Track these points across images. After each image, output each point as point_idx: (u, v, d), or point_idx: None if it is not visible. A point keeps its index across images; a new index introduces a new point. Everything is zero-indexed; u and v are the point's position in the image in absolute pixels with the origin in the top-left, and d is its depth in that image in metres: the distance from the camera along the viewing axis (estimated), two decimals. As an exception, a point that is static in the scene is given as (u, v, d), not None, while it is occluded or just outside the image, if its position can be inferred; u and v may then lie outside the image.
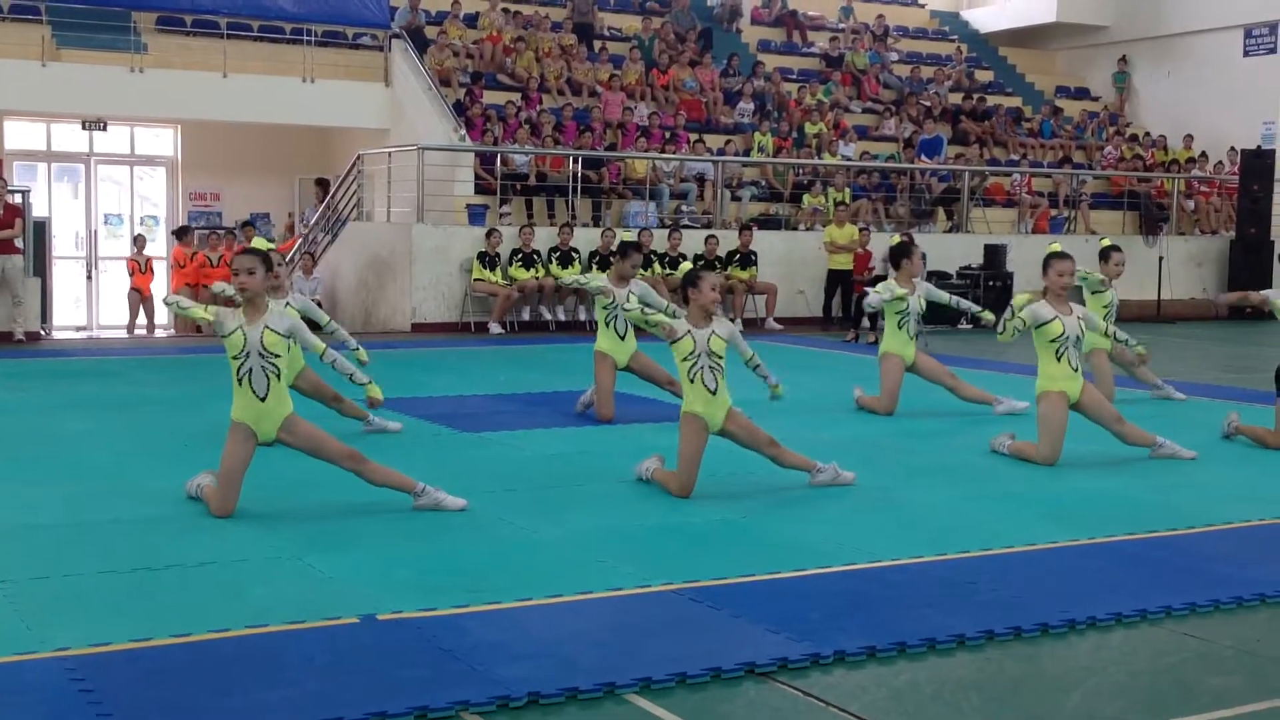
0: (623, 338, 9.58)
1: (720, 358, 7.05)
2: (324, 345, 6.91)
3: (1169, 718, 4.14)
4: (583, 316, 17.21)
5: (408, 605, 5.03)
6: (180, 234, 18.39)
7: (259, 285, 6.47)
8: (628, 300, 8.96)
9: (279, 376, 6.43)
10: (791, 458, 7.34)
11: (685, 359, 7.04)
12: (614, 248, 17.07)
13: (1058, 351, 8.10)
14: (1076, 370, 8.15)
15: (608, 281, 9.62)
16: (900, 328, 10.12)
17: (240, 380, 6.42)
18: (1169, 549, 6.15)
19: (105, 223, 21.34)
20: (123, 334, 18.03)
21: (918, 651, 4.68)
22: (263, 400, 6.42)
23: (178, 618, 4.85)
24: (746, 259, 18.01)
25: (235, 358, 6.41)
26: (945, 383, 10.13)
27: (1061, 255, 8.20)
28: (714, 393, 7.06)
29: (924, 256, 10.48)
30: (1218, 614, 5.19)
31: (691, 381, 7.06)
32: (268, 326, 6.41)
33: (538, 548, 6.03)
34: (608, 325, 9.57)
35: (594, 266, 16.95)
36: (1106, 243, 10.63)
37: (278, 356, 6.40)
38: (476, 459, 8.12)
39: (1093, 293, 10.29)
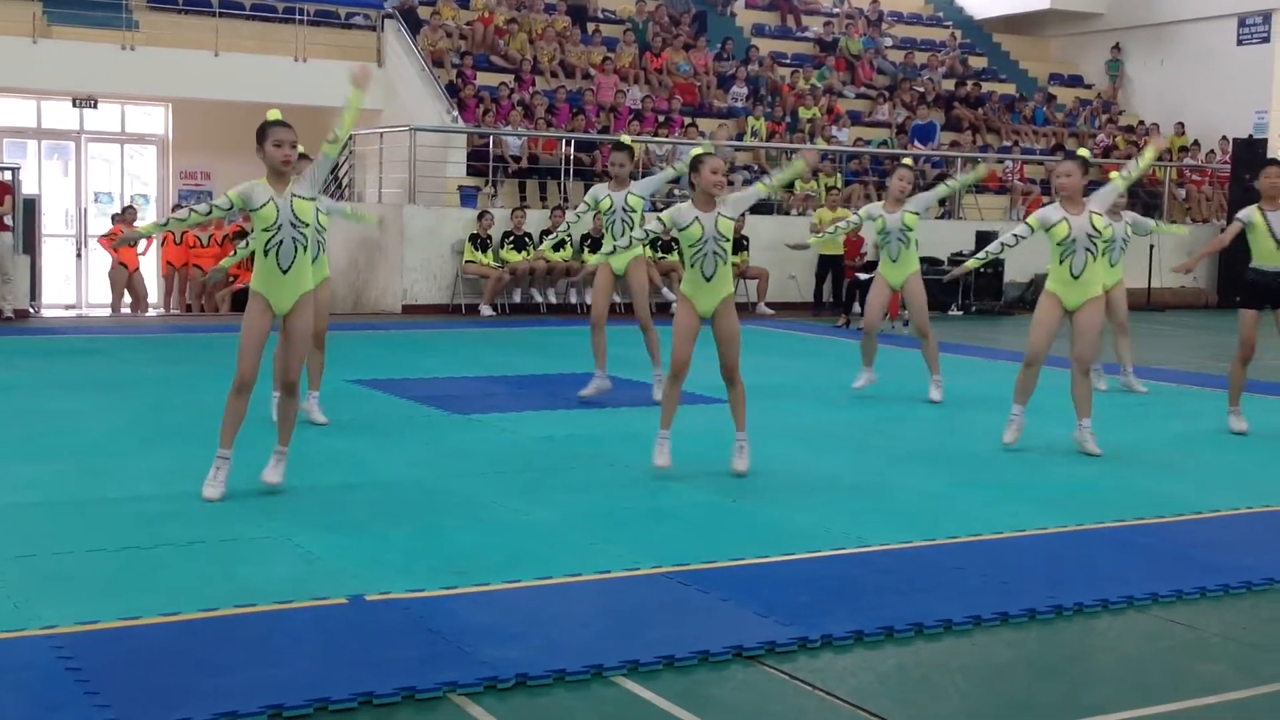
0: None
1: (727, 240, 6.97)
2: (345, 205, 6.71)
3: (1155, 704, 4.16)
4: (574, 299, 17.20)
5: (396, 586, 5.03)
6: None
7: (290, 157, 6.47)
8: (627, 199, 9.19)
9: (305, 249, 6.43)
10: (738, 406, 7.28)
11: (691, 245, 6.97)
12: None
13: (1061, 255, 7.94)
14: (1078, 277, 7.90)
15: (607, 190, 9.45)
16: (880, 249, 10.12)
17: (266, 252, 6.39)
18: (1156, 536, 6.17)
19: (95, 201, 21.26)
20: (111, 312, 17.97)
21: (905, 636, 4.69)
22: (285, 273, 6.41)
23: (166, 597, 4.85)
24: (738, 244, 17.96)
25: (266, 230, 6.37)
26: (920, 324, 10.07)
27: (1071, 156, 8.19)
28: (709, 279, 7.01)
29: (913, 177, 10.37)
30: (1204, 601, 5.21)
31: (690, 266, 7.04)
32: (295, 194, 6.42)
33: (527, 530, 6.03)
34: (607, 230, 9.52)
35: (585, 249, 16.93)
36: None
37: (306, 225, 6.43)
38: (467, 441, 8.12)
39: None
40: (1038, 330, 8.08)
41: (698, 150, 7.09)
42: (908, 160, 10.92)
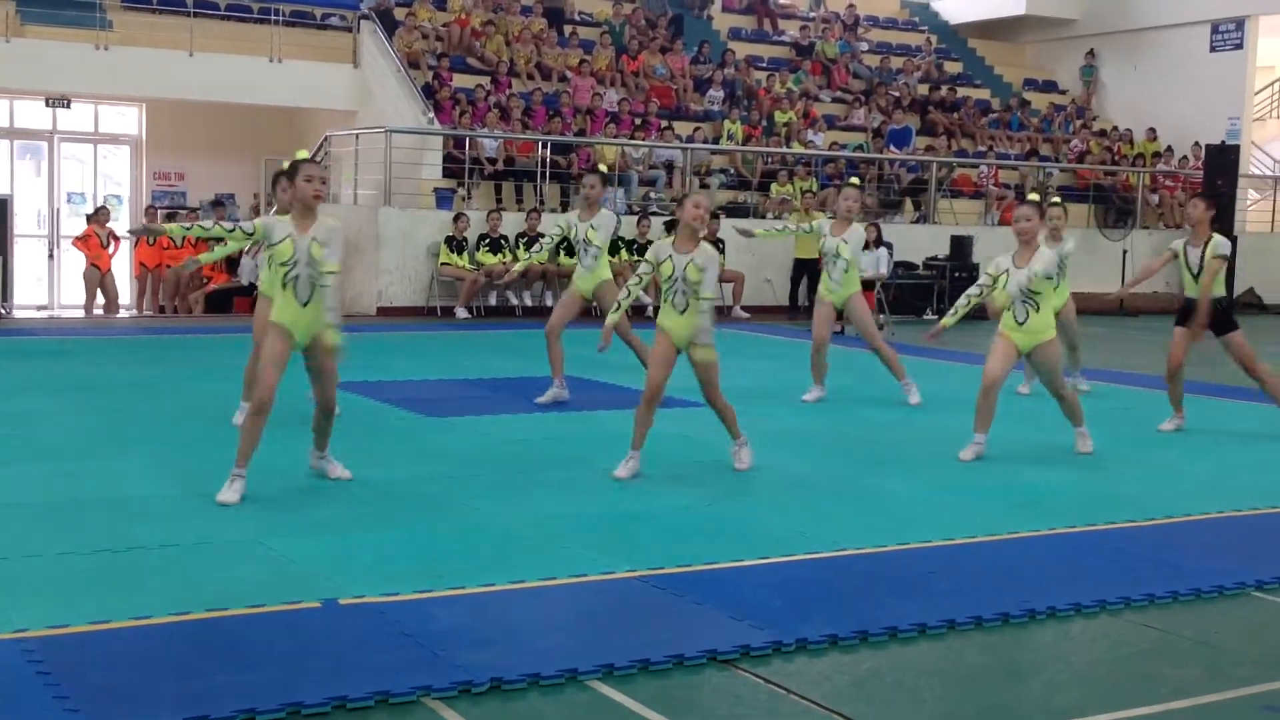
0: (588, 269, 9.56)
1: (696, 283, 7.15)
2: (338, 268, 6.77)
3: (1128, 708, 4.17)
4: (549, 302, 17.18)
5: (370, 590, 5.01)
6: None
7: (320, 193, 6.62)
8: (588, 233, 9.40)
9: (324, 287, 6.57)
10: (728, 422, 7.44)
11: (665, 280, 7.24)
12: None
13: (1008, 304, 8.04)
14: (1022, 324, 7.96)
15: (574, 217, 9.64)
16: (823, 269, 10.10)
17: (285, 285, 6.59)
18: (1129, 540, 6.19)
19: (68, 201, 21.14)
20: (83, 314, 17.85)
21: (880, 640, 4.70)
22: (304, 306, 6.60)
23: (137, 600, 4.81)
24: (714, 246, 17.97)
25: (283, 264, 6.57)
26: (870, 340, 10.13)
27: (1025, 202, 8.25)
28: (682, 313, 7.22)
29: (859, 196, 10.29)
30: (1176, 605, 5.23)
31: (665, 299, 7.30)
32: (315, 239, 6.56)
33: (502, 533, 6.02)
34: (572, 258, 9.78)
35: (560, 252, 16.91)
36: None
37: (321, 267, 6.56)
38: (442, 444, 8.10)
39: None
40: (993, 368, 8.05)
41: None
42: (855, 180, 10.89)
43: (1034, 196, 8.39)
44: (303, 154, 6.85)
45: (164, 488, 6.65)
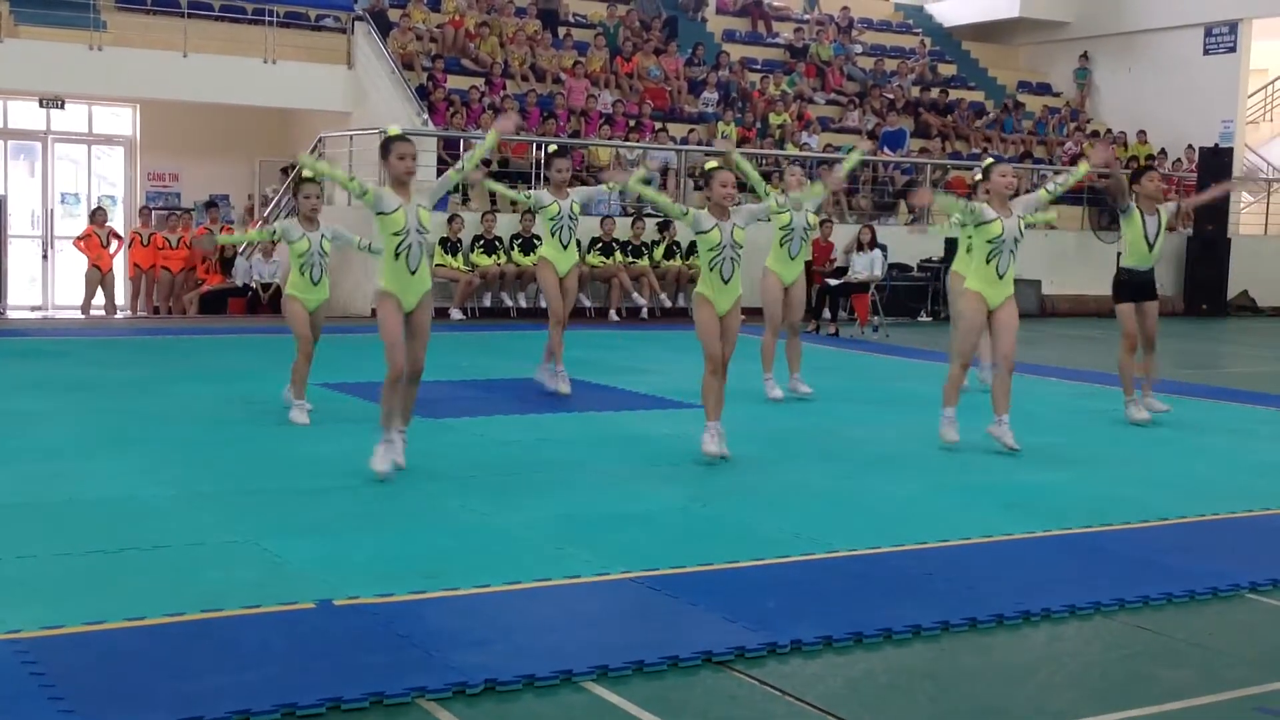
0: (565, 247, 9.93)
1: (740, 247, 7.65)
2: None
3: (1122, 709, 4.18)
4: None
5: (365, 591, 5.01)
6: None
7: (413, 169, 7.00)
8: (572, 207, 9.77)
9: (429, 254, 7.05)
10: (713, 395, 7.71)
11: (711, 249, 7.58)
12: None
13: (989, 254, 8.21)
14: (1002, 276, 8.20)
15: (546, 193, 9.94)
16: (782, 245, 10.09)
17: (397, 255, 6.95)
18: (1123, 541, 6.20)
19: (62, 202, 21.11)
20: (78, 314, 17.83)
21: (874, 641, 4.70)
22: (413, 274, 6.98)
23: (132, 601, 4.81)
24: (670, 250, 17.99)
25: (396, 234, 6.92)
26: (795, 322, 10.32)
27: (1000, 160, 8.46)
28: (726, 282, 7.64)
29: (802, 173, 10.70)
30: (1170, 607, 5.24)
31: (710, 269, 7.62)
32: (420, 205, 6.98)
33: (496, 534, 6.02)
34: (553, 235, 9.94)
35: (515, 247, 16.94)
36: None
37: (426, 231, 7.02)
38: (436, 445, 8.09)
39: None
40: (972, 333, 8.34)
41: (711, 164, 7.86)
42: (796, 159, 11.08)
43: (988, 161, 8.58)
44: (394, 130, 7.18)
45: (159, 488, 6.64)
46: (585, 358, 12.06)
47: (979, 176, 8.99)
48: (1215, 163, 21.33)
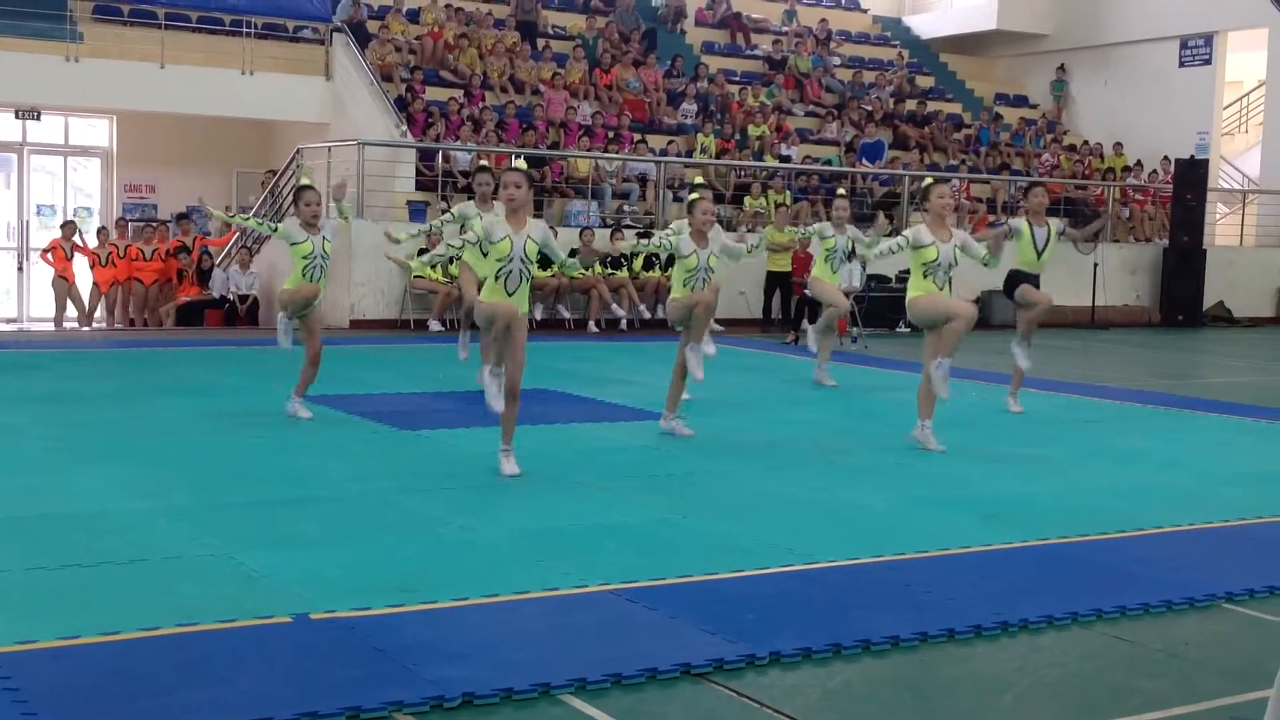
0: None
1: (713, 271, 8.76)
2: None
3: (1100, 719, 4.19)
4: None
5: (341, 605, 4.98)
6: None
7: (525, 198, 7.41)
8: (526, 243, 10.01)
9: (529, 280, 7.52)
10: (676, 385, 8.81)
11: (688, 271, 8.65)
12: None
13: (924, 273, 8.55)
14: (942, 289, 8.57)
15: (476, 210, 10.35)
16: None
17: (497, 278, 7.37)
18: (1100, 552, 6.22)
19: (38, 213, 21.00)
20: (52, 327, 17.74)
21: (852, 653, 4.70)
22: (510, 295, 7.38)
23: (106, 615, 4.78)
24: (648, 261, 18.01)
25: (499, 260, 7.34)
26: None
27: (941, 180, 8.98)
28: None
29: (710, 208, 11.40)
30: (1147, 617, 5.25)
31: (684, 286, 8.70)
32: (530, 237, 7.39)
33: (474, 547, 6.00)
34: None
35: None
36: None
37: (533, 263, 7.50)
38: (414, 457, 8.07)
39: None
40: (936, 310, 8.57)
41: (693, 196, 8.81)
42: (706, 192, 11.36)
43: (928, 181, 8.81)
44: (520, 164, 7.63)
45: (134, 502, 6.60)
46: (564, 369, 12.06)
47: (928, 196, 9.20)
48: (1191, 174, 21.45)
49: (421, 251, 16.49)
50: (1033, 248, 10.32)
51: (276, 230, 9.41)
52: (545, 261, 9.05)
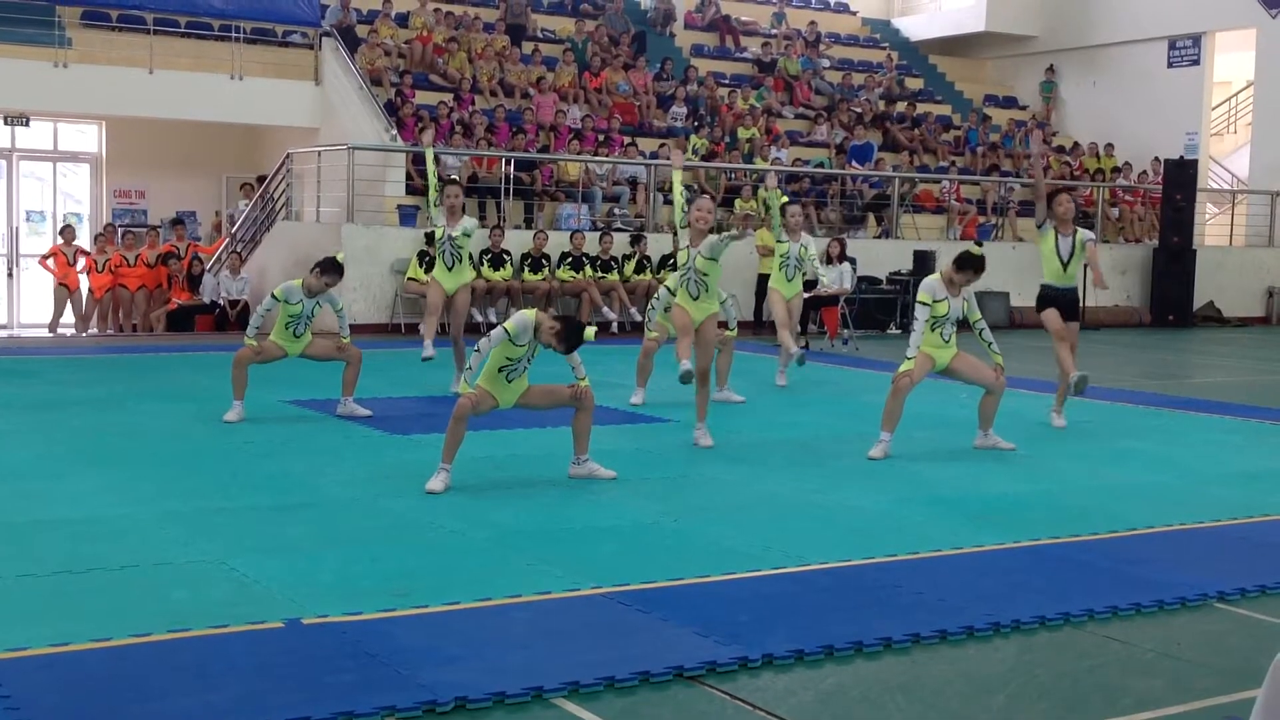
0: (450, 269, 11.09)
1: (705, 274, 8.67)
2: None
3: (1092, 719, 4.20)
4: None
5: (333, 609, 4.98)
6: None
7: (706, 219, 8.46)
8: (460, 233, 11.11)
9: (709, 289, 8.58)
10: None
11: (681, 269, 8.74)
12: (545, 250, 17.07)
13: (934, 325, 8.63)
14: (947, 342, 8.67)
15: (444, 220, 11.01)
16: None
17: (683, 285, 8.58)
18: (1092, 552, 6.23)
19: (27, 220, 20.96)
20: (45, 333, 17.69)
21: (845, 654, 4.70)
22: (695, 300, 8.58)
23: (98, 622, 4.77)
24: (607, 264, 18.01)
25: (682, 273, 8.56)
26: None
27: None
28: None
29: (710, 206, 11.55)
30: (1139, 617, 5.26)
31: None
32: (700, 253, 8.48)
33: (465, 551, 5.99)
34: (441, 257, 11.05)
35: (525, 268, 16.93)
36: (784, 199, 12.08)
37: (706, 275, 8.58)
38: (405, 461, 8.06)
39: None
40: (915, 376, 8.65)
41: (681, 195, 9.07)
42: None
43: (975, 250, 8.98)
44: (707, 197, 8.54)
45: (125, 508, 6.59)
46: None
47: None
48: (1180, 175, 21.49)
49: (422, 254, 16.49)
50: (1056, 256, 9.97)
51: (276, 294, 9.60)
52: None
